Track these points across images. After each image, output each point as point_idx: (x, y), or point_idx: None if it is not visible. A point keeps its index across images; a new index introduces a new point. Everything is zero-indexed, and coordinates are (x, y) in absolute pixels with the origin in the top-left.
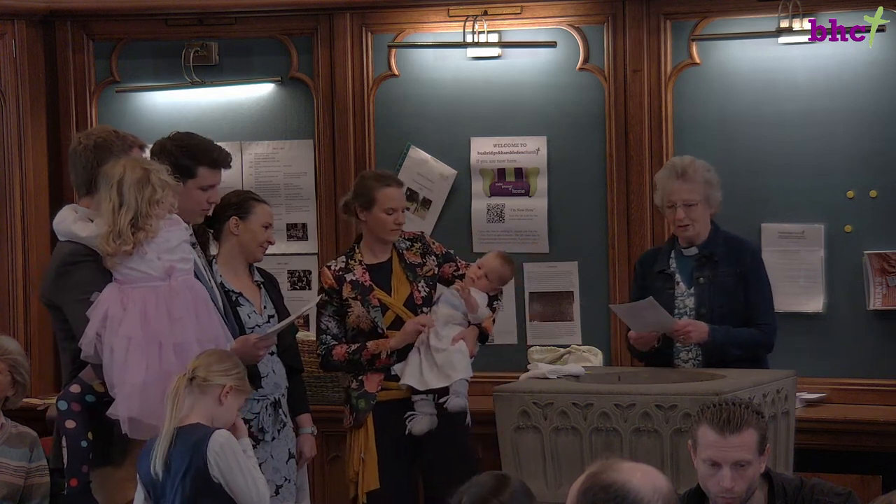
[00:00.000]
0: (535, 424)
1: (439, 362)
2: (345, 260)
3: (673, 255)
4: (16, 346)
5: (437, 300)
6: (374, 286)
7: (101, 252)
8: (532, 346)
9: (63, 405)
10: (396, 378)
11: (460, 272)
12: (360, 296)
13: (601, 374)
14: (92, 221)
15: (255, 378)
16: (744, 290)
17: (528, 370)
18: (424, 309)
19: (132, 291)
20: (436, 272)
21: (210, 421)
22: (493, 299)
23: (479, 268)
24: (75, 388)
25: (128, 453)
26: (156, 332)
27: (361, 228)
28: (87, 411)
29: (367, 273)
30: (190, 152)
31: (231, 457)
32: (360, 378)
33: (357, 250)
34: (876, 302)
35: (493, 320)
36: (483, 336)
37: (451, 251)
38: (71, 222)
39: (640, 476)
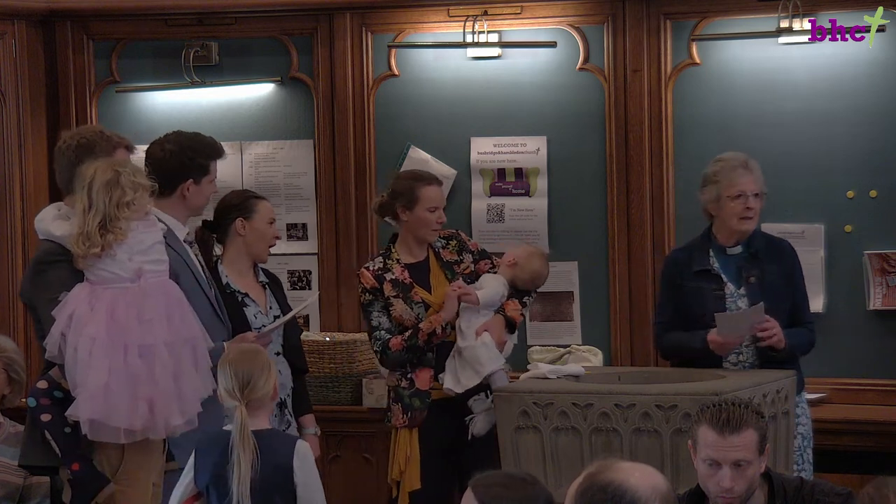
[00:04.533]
0: (535, 424)
1: (467, 359)
2: (382, 260)
3: (712, 253)
4: (10, 343)
5: None
6: (414, 284)
7: (73, 252)
8: (532, 346)
9: (32, 402)
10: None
11: (495, 269)
12: (401, 293)
13: (601, 374)
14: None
15: None
16: (791, 289)
17: (528, 370)
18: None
19: (102, 292)
20: (472, 269)
21: None
22: (524, 294)
23: (512, 255)
24: (42, 384)
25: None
26: (122, 333)
27: (398, 228)
28: (58, 402)
29: (407, 272)
30: (204, 151)
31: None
32: (409, 376)
33: (393, 250)
34: (876, 302)
35: (522, 314)
36: (510, 325)
37: (486, 249)
38: (49, 220)
39: (639, 475)
